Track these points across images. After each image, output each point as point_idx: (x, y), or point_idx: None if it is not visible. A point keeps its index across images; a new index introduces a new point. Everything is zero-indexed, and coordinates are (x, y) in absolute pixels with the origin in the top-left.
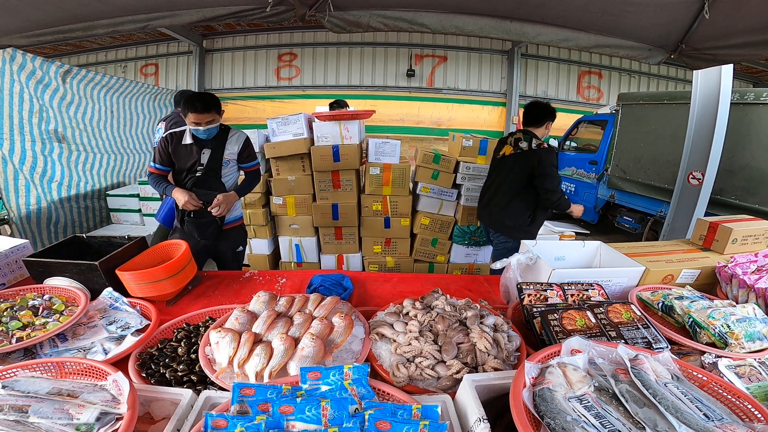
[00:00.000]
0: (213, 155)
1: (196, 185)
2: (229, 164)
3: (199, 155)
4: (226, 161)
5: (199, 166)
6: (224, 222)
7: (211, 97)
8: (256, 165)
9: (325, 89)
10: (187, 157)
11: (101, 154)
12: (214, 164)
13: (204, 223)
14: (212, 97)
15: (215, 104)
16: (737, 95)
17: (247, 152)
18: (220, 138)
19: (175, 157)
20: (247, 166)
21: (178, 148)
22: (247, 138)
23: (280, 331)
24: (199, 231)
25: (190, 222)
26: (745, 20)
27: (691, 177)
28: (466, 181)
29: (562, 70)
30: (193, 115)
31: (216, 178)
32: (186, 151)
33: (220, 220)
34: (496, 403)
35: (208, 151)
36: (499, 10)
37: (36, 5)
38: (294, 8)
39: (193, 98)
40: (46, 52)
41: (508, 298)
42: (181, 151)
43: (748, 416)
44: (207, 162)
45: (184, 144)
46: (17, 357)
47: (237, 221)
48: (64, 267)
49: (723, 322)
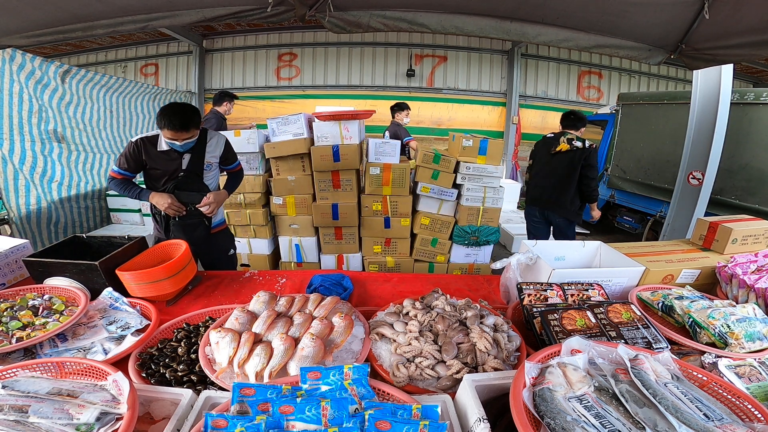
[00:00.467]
0: (194, 159)
1: (177, 188)
2: (212, 167)
3: (180, 160)
4: (208, 164)
5: (181, 172)
6: (212, 225)
7: (192, 113)
8: (238, 165)
9: (325, 89)
10: (166, 163)
11: (101, 154)
12: (196, 168)
13: (191, 224)
14: (193, 112)
15: (195, 121)
16: (737, 95)
17: (229, 155)
18: (200, 141)
19: (151, 163)
20: (230, 167)
21: (154, 155)
22: (227, 141)
23: (280, 331)
24: (186, 234)
25: (177, 226)
26: (745, 20)
27: (691, 177)
28: (466, 181)
29: (562, 70)
30: (170, 132)
31: (198, 180)
32: (164, 157)
33: (207, 221)
34: (496, 403)
35: (188, 156)
36: (499, 10)
37: (36, 5)
38: (294, 8)
39: (170, 114)
40: (46, 52)
41: (508, 298)
42: (159, 159)
43: (748, 416)
44: (187, 167)
45: (160, 151)
46: (17, 357)
47: (221, 225)
48: (64, 267)
49: (723, 322)
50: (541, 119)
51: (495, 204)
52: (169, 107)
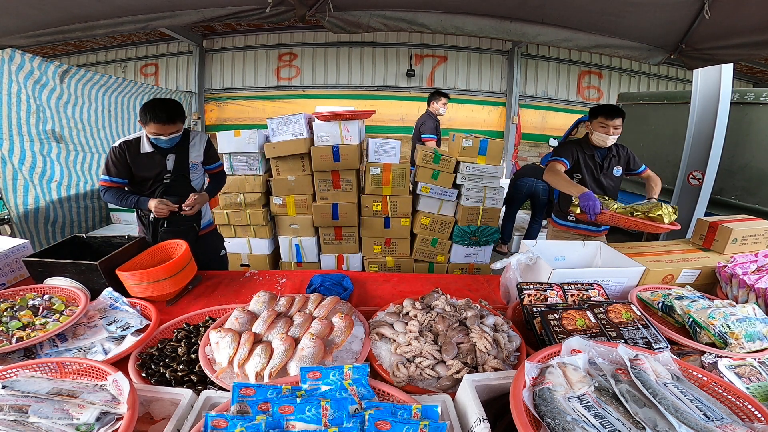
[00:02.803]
0: (178, 159)
1: (166, 193)
2: (197, 168)
3: (164, 162)
4: (193, 164)
5: (167, 173)
6: (200, 228)
7: (175, 105)
8: (220, 166)
9: (325, 89)
10: (150, 166)
11: (100, 154)
12: (182, 169)
13: (181, 231)
14: (177, 104)
15: (180, 113)
16: (737, 95)
17: (211, 152)
18: (183, 141)
19: (135, 168)
20: (211, 167)
21: (138, 158)
22: (209, 138)
23: (280, 331)
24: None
25: (167, 233)
26: (745, 20)
27: (691, 177)
28: (466, 181)
29: (562, 70)
30: (156, 125)
31: (185, 183)
32: (148, 160)
33: (197, 226)
34: (496, 403)
35: (173, 156)
36: (499, 11)
37: (36, 5)
38: (294, 8)
39: (156, 107)
40: (46, 52)
41: (508, 298)
42: (142, 161)
43: (748, 416)
44: (173, 168)
45: (143, 153)
46: (17, 357)
47: (210, 226)
48: (64, 267)
49: (723, 322)
50: (541, 119)
51: (495, 204)
52: (151, 102)
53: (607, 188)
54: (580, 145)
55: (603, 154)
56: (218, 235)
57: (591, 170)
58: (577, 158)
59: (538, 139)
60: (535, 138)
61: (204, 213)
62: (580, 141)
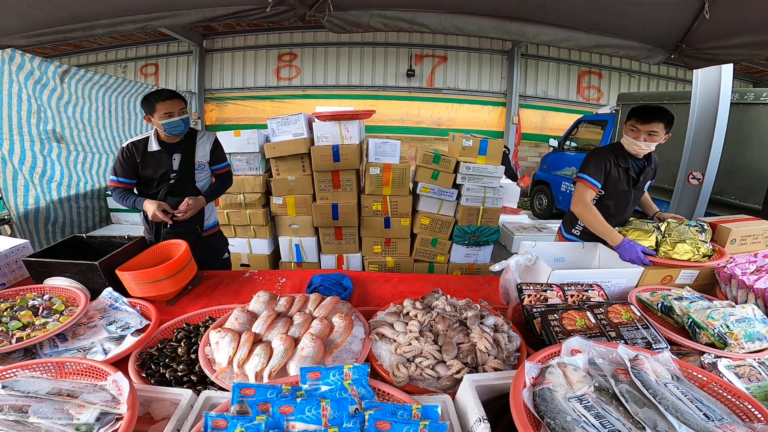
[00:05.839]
0: (184, 159)
1: (170, 194)
2: (203, 168)
3: (170, 161)
4: (199, 164)
5: (172, 173)
6: (203, 229)
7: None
8: (227, 167)
9: (325, 89)
10: (157, 165)
11: (100, 154)
12: (187, 169)
13: (184, 232)
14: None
15: (179, 94)
16: (737, 95)
17: (218, 152)
18: (189, 141)
19: (143, 168)
20: (217, 167)
21: (146, 157)
22: (216, 138)
23: (280, 331)
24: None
25: (169, 234)
26: (746, 20)
27: (691, 177)
28: (466, 181)
29: (562, 70)
30: (163, 104)
31: (191, 184)
32: (155, 160)
33: (199, 227)
34: (496, 403)
35: (179, 156)
36: (499, 10)
37: (36, 5)
38: (294, 8)
39: (156, 91)
40: (46, 52)
41: (508, 299)
42: (150, 160)
43: (748, 416)
44: (179, 167)
45: (150, 152)
46: (17, 357)
47: (214, 227)
48: (64, 267)
49: (722, 322)
50: (541, 119)
51: (495, 204)
52: (149, 93)
53: (632, 202)
54: (614, 155)
55: (640, 167)
56: (222, 237)
57: (623, 185)
58: (609, 172)
59: (538, 139)
60: (535, 138)
61: (209, 214)
62: (615, 147)
